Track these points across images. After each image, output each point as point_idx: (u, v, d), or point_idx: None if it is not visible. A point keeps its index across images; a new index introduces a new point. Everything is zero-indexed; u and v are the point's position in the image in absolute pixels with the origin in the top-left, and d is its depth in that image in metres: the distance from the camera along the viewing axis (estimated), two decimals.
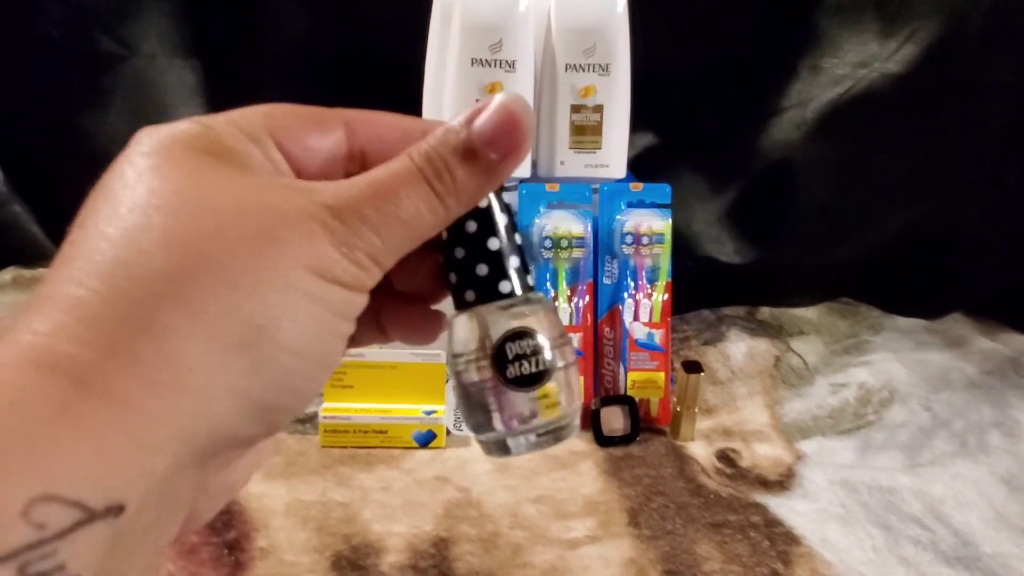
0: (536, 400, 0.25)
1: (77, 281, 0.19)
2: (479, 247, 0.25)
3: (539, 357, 0.25)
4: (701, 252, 0.93)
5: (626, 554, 0.56)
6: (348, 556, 0.54)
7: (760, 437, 0.71)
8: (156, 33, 0.86)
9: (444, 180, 0.22)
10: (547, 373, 0.25)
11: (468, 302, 0.25)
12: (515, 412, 0.25)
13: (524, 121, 0.23)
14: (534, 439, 0.25)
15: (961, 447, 0.71)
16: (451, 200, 0.22)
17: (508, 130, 0.22)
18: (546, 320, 0.25)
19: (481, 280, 0.25)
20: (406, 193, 0.22)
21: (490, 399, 0.25)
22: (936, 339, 0.90)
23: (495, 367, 0.25)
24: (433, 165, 0.22)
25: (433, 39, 0.74)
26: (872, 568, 0.56)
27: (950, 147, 0.88)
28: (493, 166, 0.23)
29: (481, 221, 0.25)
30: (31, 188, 0.94)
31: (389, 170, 0.22)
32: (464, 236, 0.25)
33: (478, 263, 0.25)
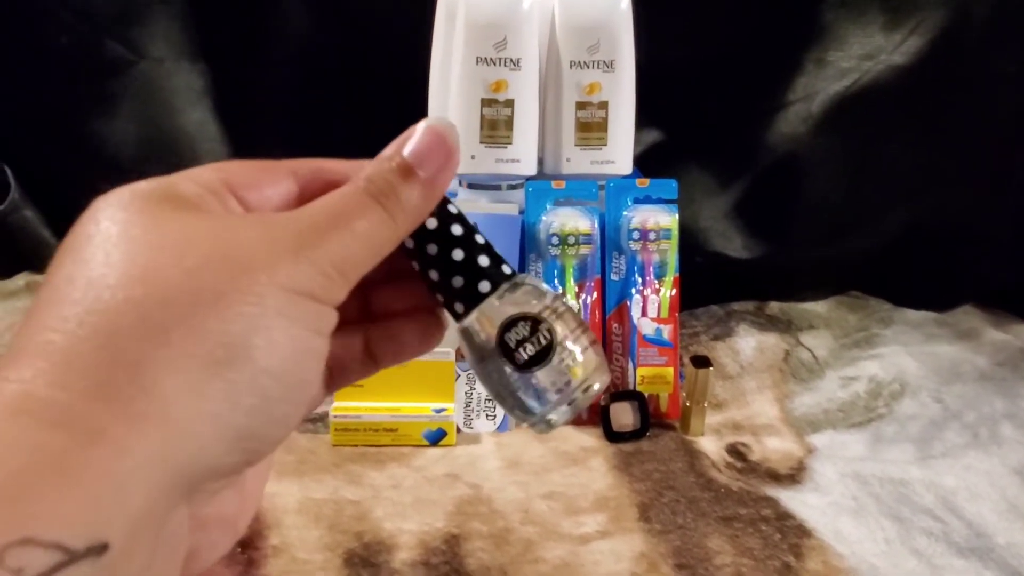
0: (557, 368, 0.26)
1: (49, 327, 0.20)
2: (447, 262, 0.26)
3: (539, 334, 0.26)
4: (709, 248, 0.93)
5: (637, 548, 0.56)
6: (360, 553, 0.55)
7: (770, 431, 0.71)
8: (163, 37, 0.87)
9: (389, 197, 0.24)
10: (551, 344, 0.26)
11: (460, 313, 0.27)
12: (544, 389, 0.26)
13: (449, 138, 0.25)
14: (572, 403, 0.27)
15: (973, 439, 0.70)
16: (399, 214, 0.24)
17: (435, 147, 0.25)
18: (535, 295, 0.27)
19: (461, 291, 0.27)
20: (358, 211, 0.23)
21: (519, 388, 0.27)
22: (947, 331, 0.90)
23: (507, 359, 0.26)
24: (377, 186, 0.24)
25: (438, 38, 0.74)
26: (884, 560, 0.56)
27: (957, 139, 0.87)
28: (429, 181, 0.25)
29: (439, 239, 0.26)
30: (42, 193, 0.95)
31: (339, 194, 0.24)
32: (431, 258, 0.27)
33: (453, 277, 0.26)
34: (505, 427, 0.69)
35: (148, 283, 0.20)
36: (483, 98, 0.69)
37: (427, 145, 0.25)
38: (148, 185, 0.23)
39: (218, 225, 0.22)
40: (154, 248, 0.21)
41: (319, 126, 0.91)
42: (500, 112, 0.69)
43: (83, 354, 0.19)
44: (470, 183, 0.74)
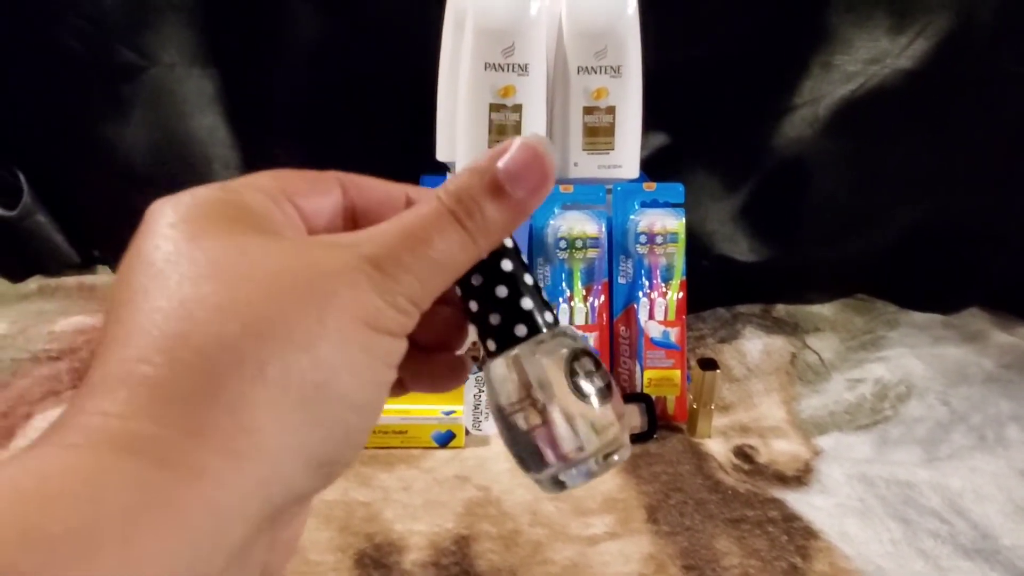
0: (587, 428, 0.25)
1: (139, 358, 0.20)
2: (489, 297, 0.25)
3: (602, 370, 0.25)
4: (716, 251, 0.93)
5: (645, 550, 0.56)
6: (371, 554, 0.55)
7: (777, 433, 0.71)
8: (175, 43, 0.87)
9: (475, 218, 0.23)
10: (611, 385, 0.25)
11: (493, 351, 0.26)
12: (566, 448, 0.25)
13: (547, 158, 0.23)
14: (588, 468, 0.25)
15: (979, 441, 0.71)
16: (481, 238, 0.23)
17: (533, 167, 0.23)
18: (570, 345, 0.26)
19: (497, 328, 0.25)
20: (438, 235, 0.22)
21: (540, 440, 0.25)
22: (953, 334, 0.90)
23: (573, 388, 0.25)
24: (463, 205, 0.23)
25: (446, 45, 0.75)
26: (891, 561, 0.56)
27: (964, 141, 0.88)
28: (520, 202, 0.23)
29: (486, 272, 0.25)
30: (54, 198, 0.96)
31: (419, 214, 0.23)
32: (474, 289, 0.25)
33: (491, 313, 0.25)
34: None
35: (241, 318, 0.20)
36: (491, 103, 0.70)
37: (523, 163, 0.23)
38: (212, 197, 0.22)
39: (300, 254, 0.22)
40: (242, 279, 0.20)
41: (329, 131, 0.91)
42: (508, 117, 0.70)
43: (181, 389, 0.19)
44: None
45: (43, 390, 0.74)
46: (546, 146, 0.23)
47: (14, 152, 0.94)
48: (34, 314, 0.89)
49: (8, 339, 0.83)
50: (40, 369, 0.78)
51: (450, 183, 0.23)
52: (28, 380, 0.76)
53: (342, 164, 0.27)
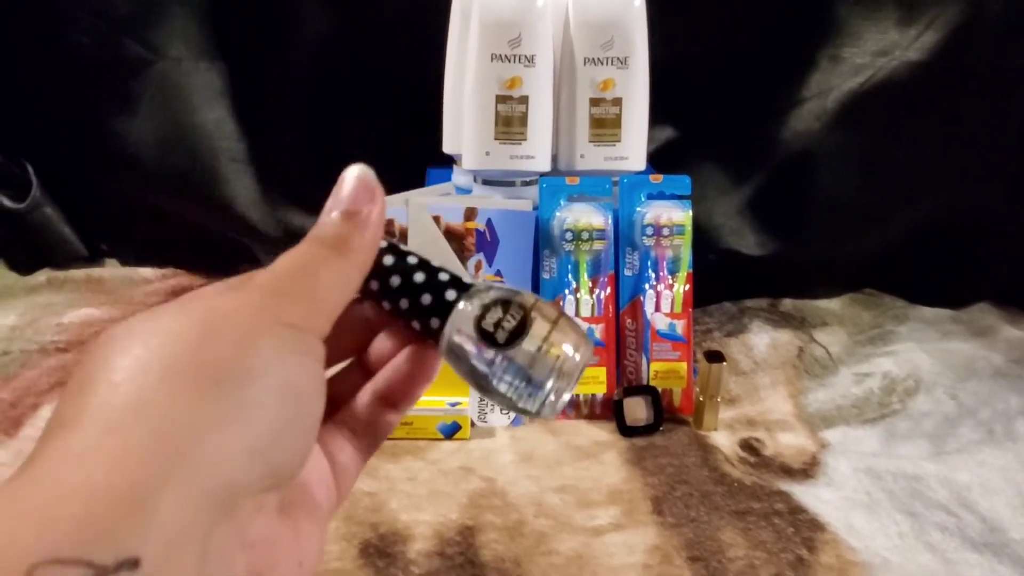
0: (539, 346, 0.28)
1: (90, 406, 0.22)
2: (412, 287, 0.29)
3: (510, 312, 0.28)
4: (723, 245, 0.93)
5: (650, 541, 0.56)
6: (376, 544, 0.55)
7: (784, 426, 0.71)
8: (182, 37, 0.88)
9: (338, 241, 0.27)
10: (526, 316, 0.28)
11: (437, 328, 0.29)
12: (529, 370, 0.28)
13: (368, 179, 0.28)
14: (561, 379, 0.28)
15: (988, 435, 0.70)
16: (351, 253, 0.28)
17: (362, 190, 0.28)
18: (497, 291, 0.29)
19: (432, 306, 0.29)
20: (317, 259, 0.27)
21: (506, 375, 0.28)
22: (962, 328, 0.90)
23: (490, 344, 0.28)
24: (325, 236, 0.28)
25: (452, 36, 0.75)
26: (898, 554, 0.56)
27: (973, 135, 0.87)
28: (365, 217, 0.28)
29: (398, 271, 0.29)
30: (63, 191, 0.97)
31: (297, 251, 0.27)
32: (397, 289, 0.29)
33: (421, 296, 0.29)
34: (519, 422, 0.70)
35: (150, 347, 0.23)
36: (498, 95, 0.70)
37: (355, 191, 0.28)
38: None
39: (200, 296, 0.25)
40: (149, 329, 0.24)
41: (335, 124, 0.92)
42: (515, 109, 0.70)
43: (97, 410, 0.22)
44: (485, 179, 0.74)
45: (51, 381, 0.75)
46: (365, 171, 0.29)
47: (23, 145, 0.95)
48: (42, 306, 0.89)
49: (17, 331, 0.83)
50: (48, 360, 0.78)
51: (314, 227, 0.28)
52: (36, 371, 0.76)
53: (348, 156, 0.31)
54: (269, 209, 0.93)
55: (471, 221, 0.71)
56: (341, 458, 0.31)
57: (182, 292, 0.93)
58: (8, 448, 0.64)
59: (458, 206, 0.71)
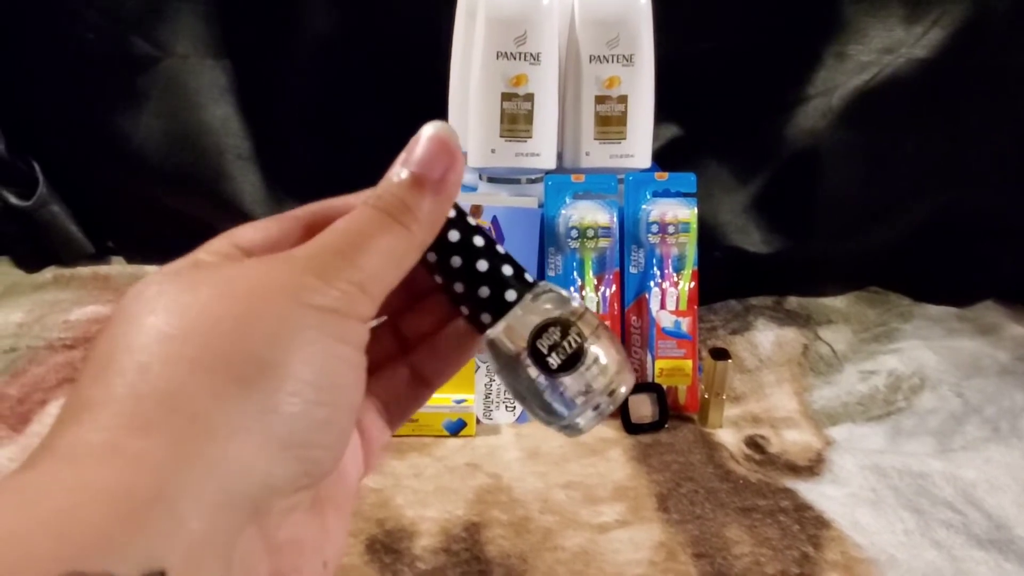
0: (585, 374, 0.27)
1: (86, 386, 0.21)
2: (472, 273, 0.27)
3: (569, 338, 0.27)
4: (728, 243, 0.93)
5: (656, 538, 0.56)
6: (382, 540, 0.55)
7: (789, 424, 0.71)
8: (188, 34, 0.88)
9: (401, 209, 0.24)
10: (582, 349, 0.27)
11: (487, 324, 0.27)
12: (572, 394, 0.27)
13: (450, 141, 0.25)
14: (598, 408, 0.27)
15: (993, 432, 0.70)
16: (414, 225, 0.25)
17: (438, 152, 0.25)
18: (558, 303, 0.27)
19: (488, 301, 0.27)
20: (373, 229, 0.24)
21: (547, 393, 0.27)
22: (967, 326, 0.89)
23: (539, 365, 0.26)
24: (387, 201, 0.24)
25: (458, 33, 0.75)
26: (904, 551, 0.56)
27: (978, 132, 0.87)
28: (438, 186, 0.25)
29: (462, 252, 0.27)
30: (69, 188, 0.97)
31: (351, 217, 0.24)
32: (456, 271, 0.27)
33: (479, 287, 0.27)
34: (524, 419, 0.70)
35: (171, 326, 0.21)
36: (503, 92, 0.70)
37: (430, 152, 0.25)
38: (174, 267, 0.24)
39: (241, 267, 0.23)
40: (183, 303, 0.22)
41: (341, 122, 0.92)
42: (520, 106, 0.70)
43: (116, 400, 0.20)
44: (490, 177, 0.74)
45: (58, 377, 0.75)
46: (447, 131, 0.25)
47: (30, 143, 0.95)
48: (49, 303, 0.89)
49: (24, 327, 0.83)
50: (55, 357, 0.78)
51: (375, 189, 0.25)
52: (44, 368, 0.76)
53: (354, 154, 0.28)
54: (275, 206, 0.93)
55: (476, 218, 0.71)
56: (373, 432, 0.28)
57: None
58: (16, 444, 0.65)
59: (464, 203, 0.71)
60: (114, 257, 1.01)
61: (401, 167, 0.25)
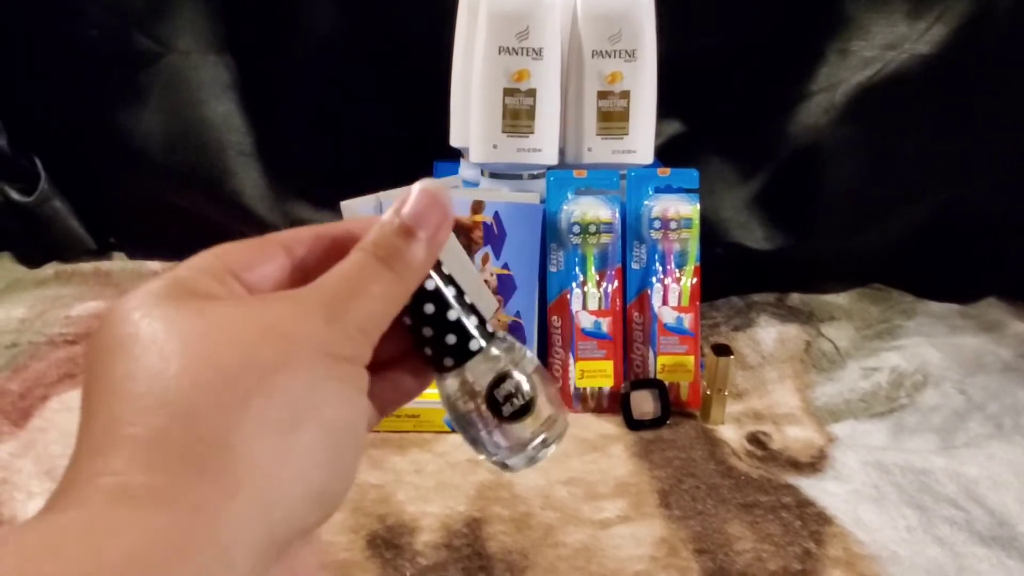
0: (528, 425, 0.29)
1: (125, 422, 0.21)
2: (442, 321, 0.28)
3: (522, 391, 0.29)
4: (730, 239, 0.93)
5: (657, 534, 0.56)
6: (383, 535, 0.55)
7: (791, 420, 0.71)
8: (190, 30, 0.88)
9: (396, 258, 0.26)
10: (533, 401, 0.29)
11: (448, 367, 0.29)
12: (513, 440, 0.29)
13: (442, 198, 0.27)
14: (531, 454, 0.30)
15: (996, 429, 0.70)
16: (406, 273, 0.26)
17: (431, 207, 0.27)
18: (515, 356, 0.30)
19: (453, 347, 0.29)
20: (372, 277, 0.25)
21: (491, 436, 0.29)
22: (970, 323, 0.89)
23: (492, 411, 0.29)
24: (383, 250, 0.26)
25: (460, 29, 0.74)
26: (906, 547, 0.55)
27: (982, 129, 0.87)
28: (429, 239, 0.27)
29: (435, 301, 0.28)
30: (71, 184, 0.97)
31: (351, 263, 0.26)
32: (427, 316, 0.28)
33: (447, 335, 0.29)
34: None
35: (211, 365, 0.21)
36: (505, 88, 0.70)
37: (424, 206, 0.27)
38: (164, 283, 0.24)
39: (253, 307, 0.24)
40: (204, 335, 0.22)
41: (343, 117, 0.92)
42: (522, 102, 0.70)
43: (169, 439, 0.20)
44: (492, 172, 0.74)
45: (60, 373, 0.75)
46: (439, 187, 0.27)
47: (32, 138, 0.95)
48: (51, 299, 0.90)
49: (26, 323, 0.84)
50: (57, 353, 0.78)
51: (369, 235, 0.26)
52: (45, 363, 0.76)
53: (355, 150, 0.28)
54: (276, 202, 0.93)
55: (478, 214, 0.71)
56: None
57: None
58: (18, 439, 0.65)
59: (465, 199, 0.71)
60: (116, 253, 1.01)
61: (396, 214, 0.26)
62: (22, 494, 0.59)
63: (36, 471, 0.61)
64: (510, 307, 0.72)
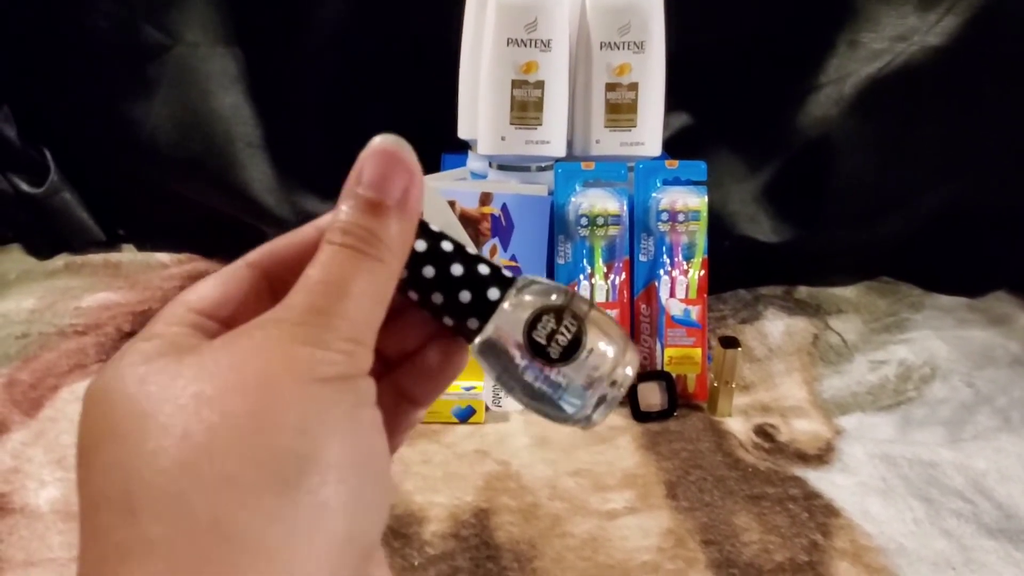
0: (589, 359, 0.25)
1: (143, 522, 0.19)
2: (448, 280, 0.25)
3: (565, 324, 0.25)
4: (738, 232, 0.93)
5: (664, 525, 0.56)
6: (392, 525, 0.56)
7: (798, 413, 0.71)
8: (199, 22, 0.88)
9: (371, 241, 0.22)
10: (581, 331, 0.25)
11: (475, 329, 0.26)
12: (580, 383, 0.25)
13: (401, 152, 0.23)
14: (608, 394, 0.26)
15: (1004, 422, 0.70)
16: (386, 254, 0.23)
17: (391, 166, 0.23)
18: (545, 292, 0.26)
19: (471, 305, 0.25)
20: (346, 274, 0.22)
21: (554, 391, 0.25)
22: (979, 317, 0.89)
23: (540, 358, 0.25)
24: (352, 236, 0.22)
25: (469, 20, 0.74)
26: (913, 540, 0.56)
27: (992, 122, 0.86)
28: (402, 207, 0.23)
29: (434, 260, 0.25)
30: (80, 176, 0.97)
31: (320, 263, 0.22)
32: (431, 281, 0.25)
33: (459, 293, 0.25)
34: None
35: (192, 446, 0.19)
36: (513, 79, 0.69)
37: (384, 167, 0.23)
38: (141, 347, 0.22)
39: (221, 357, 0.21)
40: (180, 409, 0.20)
41: (351, 109, 0.92)
42: (530, 93, 0.70)
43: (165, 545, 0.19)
44: (500, 164, 0.74)
45: (70, 363, 0.75)
46: (394, 141, 0.23)
47: (41, 131, 0.96)
48: (61, 290, 0.90)
49: (36, 314, 0.84)
50: (67, 343, 0.79)
51: (333, 222, 0.23)
52: (55, 353, 0.77)
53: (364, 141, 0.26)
54: (284, 194, 0.93)
55: (486, 206, 0.71)
56: None
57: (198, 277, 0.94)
58: (30, 428, 0.65)
59: (473, 191, 0.71)
60: (125, 244, 1.01)
61: (353, 185, 0.23)
62: (34, 482, 0.59)
63: (47, 460, 0.61)
64: None
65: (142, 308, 0.86)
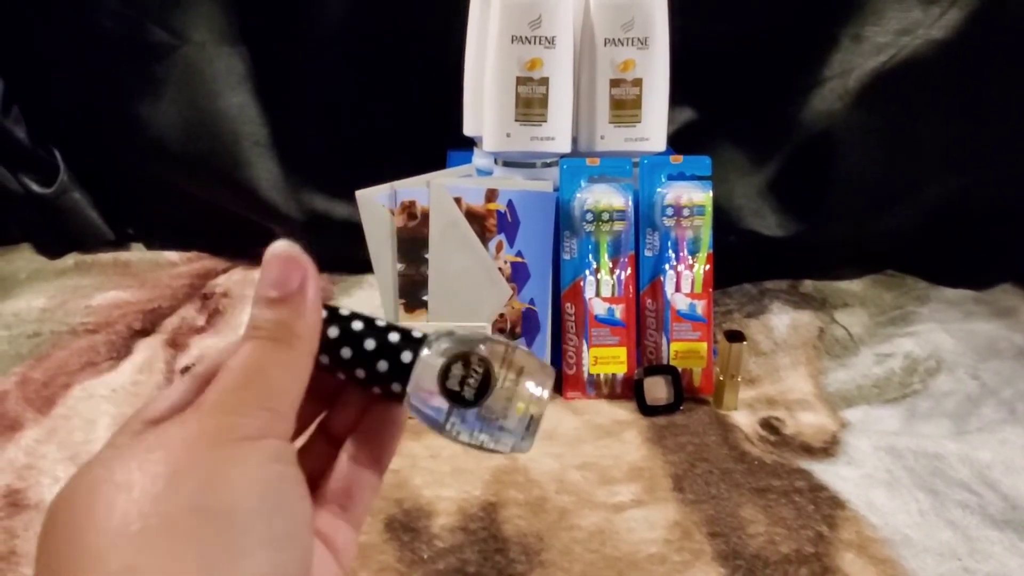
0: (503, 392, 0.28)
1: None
2: (365, 357, 0.28)
3: (472, 367, 0.28)
4: (743, 226, 0.93)
5: (671, 517, 0.57)
6: (401, 519, 0.56)
7: (804, 406, 0.71)
8: (205, 21, 0.88)
9: (279, 331, 0.26)
10: (489, 369, 0.28)
11: (400, 392, 0.28)
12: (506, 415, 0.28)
13: (292, 254, 0.27)
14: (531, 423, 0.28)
15: (1010, 414, 0.70)
16: (295, 340, 0.26)
17: (285, 268, 0.27)
18: (448, 341, 0.28)
19: (390, 372, 0.28)
20: (258, 356, 0.26)
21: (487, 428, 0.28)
22: (984, 309, 0.89)
23: (460, 403, 0.27)
24: (264, 329, 0.26)
25: (473, 18, 0.75)
26: (919, 531, 0.56)
27: (996, 115, 0.86)
28: (300, 298, 0.27)
29: (347, 341, 0.28)
30: (90, 176, 0.98)
31: (236, 354, 0.26)
32: (351, 361, 0.28)
33: (376, 364, 0.28)
34: None
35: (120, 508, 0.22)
36: (518, 76, 0.70)
37: (278, 270, 0.26)
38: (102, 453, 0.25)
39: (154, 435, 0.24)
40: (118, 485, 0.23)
41: (358, 108, 0.92)
42: (535, 90, 0.70)
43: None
44: (505, 161, 0.75)
45: (81, 361, 0.76)
46: (286, 245, 0.27)
47: (51, 131, 0.96)
48: (71, 289, 0.91)
49: (47, 313, 0.85)
50: (78, 341, 0.80)
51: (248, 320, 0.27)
52: (67, 352, 0.78)
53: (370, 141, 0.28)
54: (291, 192, 0.94)
55: (492, 203, 0.71)
56: (338, 539, 0.30)
57: (207, 275, 0.95)
58: (42, 426, 0.66)
59: (479, 188, 0.71)
60: (134, 243, 1.02)
61: (262, 294, 0.27)
62: (48, 479, 0.60)
63: (60, 457, 0.62)
64: (524, 295, 0.72)
65: (152, 306, 0.87)
